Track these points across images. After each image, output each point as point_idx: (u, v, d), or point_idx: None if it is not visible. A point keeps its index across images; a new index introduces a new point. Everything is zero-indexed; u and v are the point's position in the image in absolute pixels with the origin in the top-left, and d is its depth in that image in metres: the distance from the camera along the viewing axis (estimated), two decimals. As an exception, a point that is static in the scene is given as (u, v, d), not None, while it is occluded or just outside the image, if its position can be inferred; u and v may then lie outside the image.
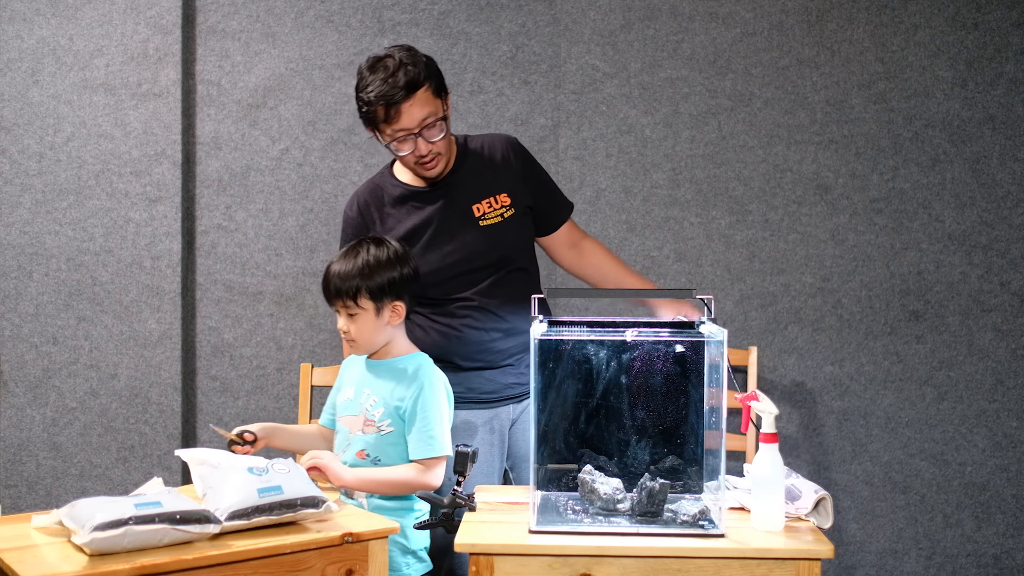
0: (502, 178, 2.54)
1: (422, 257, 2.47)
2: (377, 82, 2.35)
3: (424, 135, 2.38)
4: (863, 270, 3.22)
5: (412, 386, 2.25)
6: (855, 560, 3.22)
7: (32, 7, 3.20)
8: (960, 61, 3.19)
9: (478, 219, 2.49)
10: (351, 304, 2.26)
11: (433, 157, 2.43)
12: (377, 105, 2.35)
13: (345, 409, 2.33)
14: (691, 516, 1.93)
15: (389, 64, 2.36)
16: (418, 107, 2.36)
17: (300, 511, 1.84)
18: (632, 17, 3.22)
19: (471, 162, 2.55)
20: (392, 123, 2.37)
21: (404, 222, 2.51)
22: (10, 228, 3.22)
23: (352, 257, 2.29)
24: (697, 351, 2.08)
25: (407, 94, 2.34)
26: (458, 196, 2.51)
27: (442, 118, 2.40)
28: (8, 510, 3.18)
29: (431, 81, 2.39)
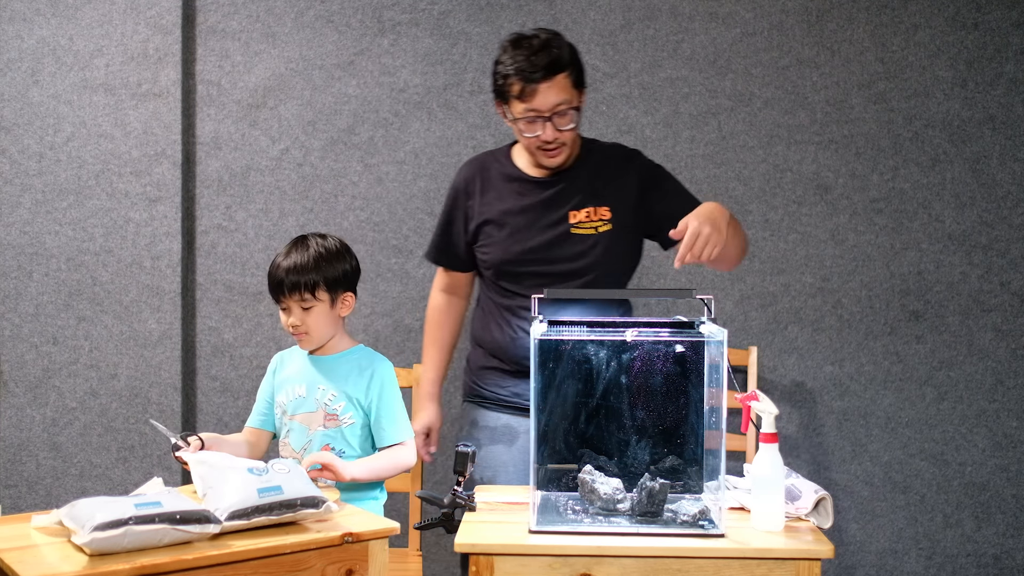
0: (610, 192, 2.45)
1: (505, 243, 2.44)
2: (519, 57, 2.29)
3: (555, 120, 2.32)
4: (863, 270, 3.22)
5: (369, 377, 2.30)
6: (855, 560, 3.23)
7: (32, 7, 3.20)
8: (960, 61, 3.19)
9: (571, 225, 2.42)
10: (308, 297, 2.27)
11: (558, 146, 2.37)
12: (514, 79, 2.29)
13: (298, 407, 2.32)
14: (691, 516, 1.93)
15: (534, 42, 2.31)
16: (555, 91, 2.30)
17: (300, 511, 1.84)
18: (632, 17, 3.22)
19: (587, 167, 2.46)
20: (525, 101, 2.31)
21: (502, 202, 2.46)
22: (10, 228, 3.22)
23: (303, 250, 2.29)
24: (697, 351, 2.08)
25: (547, 75, 2.28)
26: (561, 197, 2.44)
27: (575, 108, 2.35)
28: (8, 510, 3.18)
29: (573, 69, 2.33)
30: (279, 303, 2.32)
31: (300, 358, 2.38)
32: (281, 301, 2.30)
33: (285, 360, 2.41)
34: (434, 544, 3.27)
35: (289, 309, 2.30)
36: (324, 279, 2.28)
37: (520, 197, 2.46)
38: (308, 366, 2.35)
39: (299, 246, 2.31)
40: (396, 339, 3.27)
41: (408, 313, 3.27)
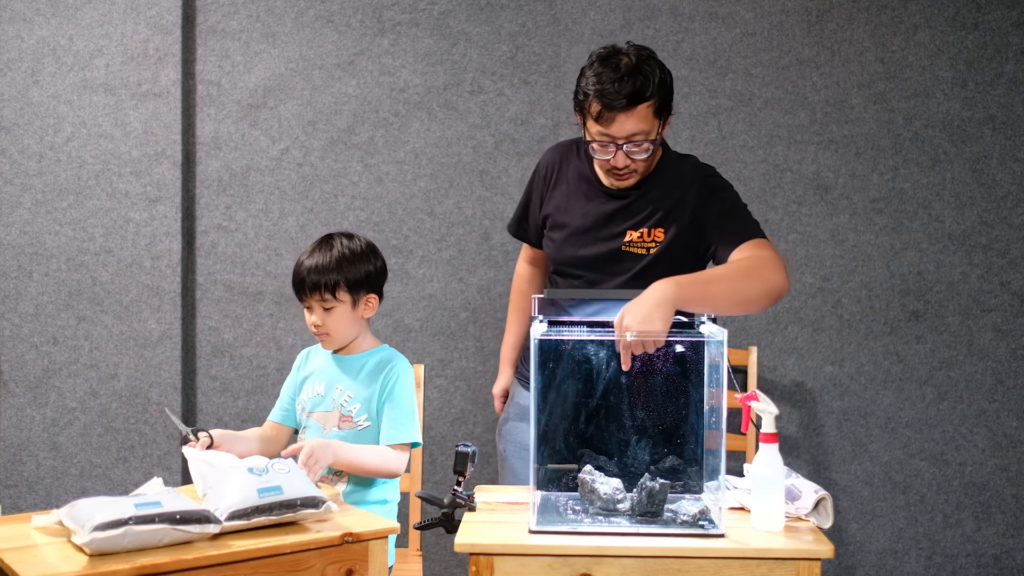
0: (671, 214, 2.32)
1: (560, 245, 2.43)
2: (604, 78, 2.17)
3: (627, 149, 2.23)
4: (863, 270, 3.22)
5: (385, 378, 2.30)
6: (855, 560, 3.23)
7: (32, 7, 3.20)
8: (960, 61, 3.19)
9: (624, 242, 2.35)
10: (329, 297, 2.27)
11: (628, 174, 2.29)
12: (593, 100, 2.19)
13: (316, 405, 2.33)
14: (691, 516, 1.93)
15: (623, 64, 2.19)
16: (633, 121, 2.19)
17: (300, 511, 1.84)
18: (632, 17, 3.22)
19: (658, 185, 2.35)
20: (601, 125, 2.21)
21: (569, 200, 2.42)
22: (10, 228, 3.22)
23: (326, 250, 2.29)
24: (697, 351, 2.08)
25: (627, 104, 2.17)
26: (624, 212, 2.36)
27: (652, 140, 2.23)
28: (8, 510, 3.18)
29: (657, 98, 2.21)
30: (302, 301, 2.32)
31: (324, 355, 2.39)
32: (304, 300, 2.31)
33: (311, 356, 2.42)
34: (434, 544, 3.27)
35: (312, 308, 2.30)
36: (345, 280, 2.27)
37: (586, 202, 2.40)
38: (331, 364, 2.36)
39: (324, 245, 2.31)
40: (396, 339, 3.27)
41: (408, 313, 3.27)
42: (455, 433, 3.29)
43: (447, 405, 3.29)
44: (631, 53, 2.22)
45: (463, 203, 3.27)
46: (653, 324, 1.99)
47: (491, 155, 3.26)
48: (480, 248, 3.27)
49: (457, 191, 3.26)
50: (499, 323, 3.26)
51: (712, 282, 2.13)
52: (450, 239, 3.27)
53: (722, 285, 2.13)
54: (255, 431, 2.38)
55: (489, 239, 3.26)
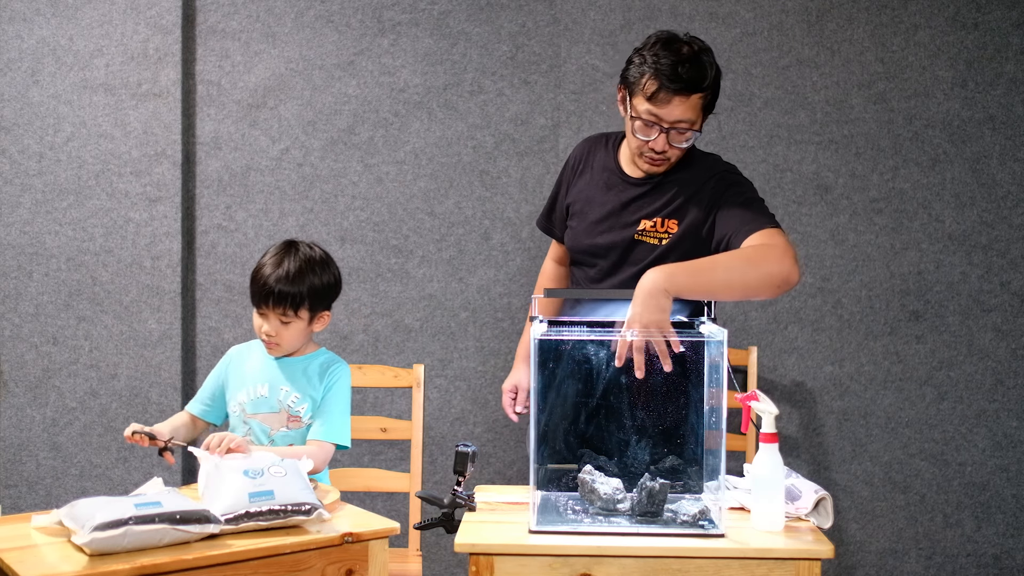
0: (685, 206, 2.34)
1: (578, 231, 2.45)
2: (665, 60, 2.19)
3: (671, 135, 2.25)
4: (863, 270, 3.22)
5: (328, 379, 2.34)
6: (855, 560, 3.23)
7: (32, 7, 3.20)
8: (960, 61, 3.19)
9: (638, 231, 2.36)
10: (291, 314, 2.28)
11: (662, 160, 2.30)
12: (651, 79, 2.20)
13: (259, 406, 2.32)
14: (691, 516, 1.93)
15: (685, 50, 2.20)
16: (685, 107, 2.22)
17: (290, 518, 1.84)
18: (632, 17, 3.22)
19: (677, 178, 2.37)
20: (652, 104, 2.22)
21: (591, 189, 2.46)
22: (10, 228, 3.22)
23: (292, 262, 2.27)
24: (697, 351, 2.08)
25: (685, 89, 2.19)
26: (641, 202, 2.38)
27: (697, 130, 2.27)
28: (8, 510, 3.18)
29: (710, 92, 2.26)
30: (258, 307, 2.30)
31: (261, 356, 2.37)
32: (260, 307, 2.30)
33: (243, 356, 2.39)
34: (434, 544, 3.27)
35: (266, 316, 2.29)
36: (309, 300, 2.28)
37: (606, 190, 2.44)
38: (272, 366, 2.35)
39: (288, 256, 2.29)
40: (396, 339, 3.27)
41: (408, 313, 3.27)
42: (455, 433, 3.29)
43: (447, 405, 3.29)
44: (692, 43, 2.24)
45: (463, 203, 3.27)
46: (650, 316, 2.00)
47: (491, 155, 3.26)
48: (480, 248, 3.27)
49: (457, 191, 3.26)
50: (499, 323, 3.26)
51: (709, 269, 2.12)
52: (450, 239, 3.27)
53: (720, 272, 2.12)
54: (180, 418, 2.36)
55: (489, 239, 3.26)
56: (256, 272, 2.29)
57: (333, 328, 3.26)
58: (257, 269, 2.30)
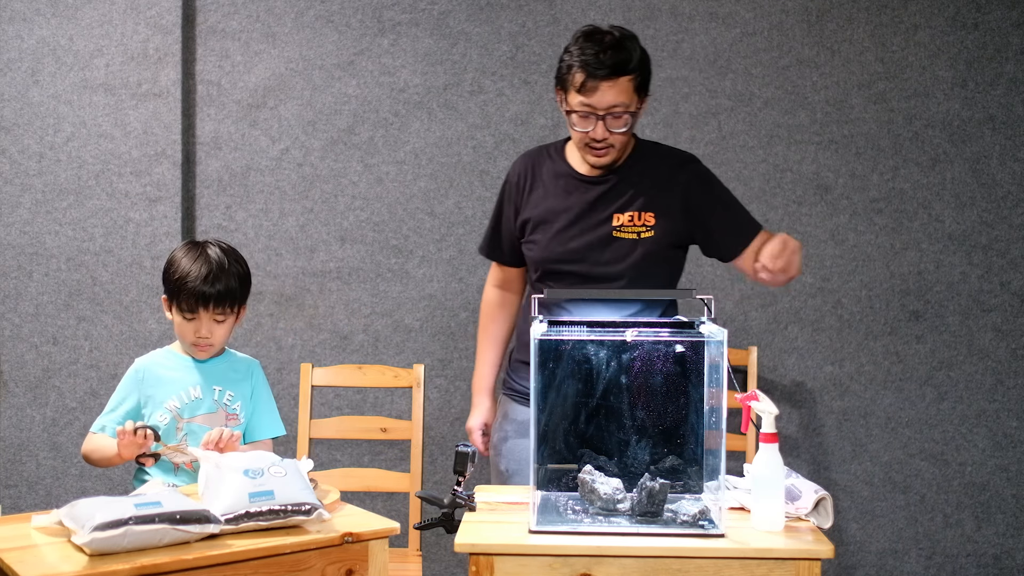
0: (659, 198, 2.39)
1: (549, 242, 2.42)
2: (588, 51, 2.26)
3: (608, 121, 2.29)
4: (863, 270, 3.22)
5: (253, 376, 2.41)
6: (855, 560, 3.23)
7: (32, 7, 3.20)
8: (960, 61, 3.19)
9: (614, 227, 2.39)
10: (229, 311, 2.32)
11: (606, 147, 2.33)
12: (578, 71, 2.27)
13: (195, 409, 2.33)
14: (691, 516, 1.93)
15: (607, 39, 2.27)
16: (615, 91, 2.26)
17: (290, 518, 1.84)
18: (632, 17, 3.22)
19: (639, 170, 2.42)
20: (584, 95, 2.27)
21: (549, 200, 2.44)
22: (10, 228, 3.22)
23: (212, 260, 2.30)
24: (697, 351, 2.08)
25: (611, 74, 2.25)
26: (607, 197, 2.41)
27: (632, 112, 2.31)
28: (8, 510, 3.18)
29: (639, 74, 2.29)
30: (190, 312, 2.29)
31: (179, 362, 2.37)
32: (193, 312, 2.29)
33: (157, 365, 2.37)
34: (434, 544, 3.27)
35: (198, 319, 2.30)
36: (242, 292, 2.34)
37: (567, 195, 2.43)
38: (192, 369, 2.36)
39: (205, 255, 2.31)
40: (396, 339, 3.27)
41: (408, 313, 3.27)
42: (455, 433, 3.29)
43: (447, 405, 3.29)
44: (614, 31, 2.31)
45: (463, 203, 3.27)
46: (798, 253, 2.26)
47: (491, 155, 3.26)
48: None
49: (457, 191, 3.26)
50: (499, 323, 3.26)
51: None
52: (450, 239, 3.27)
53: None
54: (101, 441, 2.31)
55: (489, 239, 3.26)
56: (180, 279, 2.28)
57: (333, 328, 3.26)
58: (181, 276, 2.28)
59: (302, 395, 2.99)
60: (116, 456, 2.21)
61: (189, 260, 2.31)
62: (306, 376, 2.99)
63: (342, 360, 3.24)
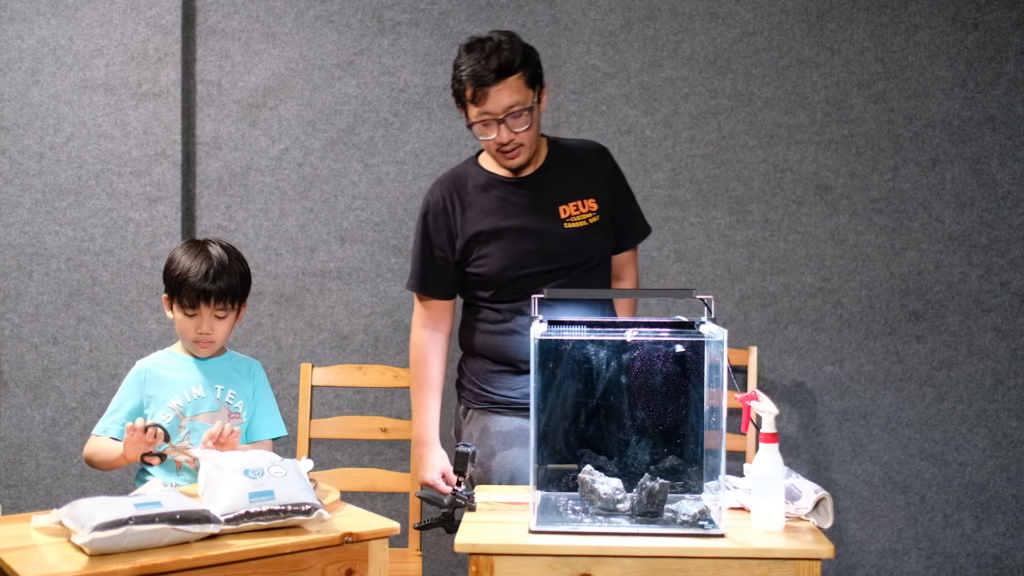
0: (591, 183, 2.49)
1: (503, 251, 2.43)
2: (471, 61, 2.32)
3: (508, 123, 2.34)
4: (863, 270, 3.22)
5: (255, 376, 2.43)
6: (855, 560, 3.23)
7: (32, 7, 3.20)
8: (960, 61, 3.19)
9: (563, 220, 2.44)
10: (229, 307, 2.33)
11: (515, 147, 2.38)
12: (467, 84, 2.33)
13: (198, 407, 2.33)
14: (691, 516, 1.93)
15: (487, 45, 2.33)
16: (507, 93, 2.32)
17: (290, 518, 1.84)
18: (632, 17, 3.22)
19: (562, 162, 2.49)
20: (479, 105, 2.34)
21: (487, 213, 2.45)
22: (10, 228, 3.22)
23: (212, 257, 2.31)
24: (697, 351, 2.08)
25: (497, 78, 2.30)
26: (546, 194, 2.46)
27: (529, 108, 2.35)
28: (8, 510, 3.18)
29: (526, 69, 2.34)
30: (191, 308, 2.30)
31: (181, 362, 2.38)
32: (195, 308, 2.30)
33: (159, 366, 2.38)
34: (434, 544, 3.27)
35: (199, 316, 2.31)
36: (242, 289, 2.36)
37: (505, 203, 2.45)
38: (194, 369, 2.37)
39: (206, 253, 2.32)
40: (396, 339, 3.27)
41: (408, 313, 3.27)
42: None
43: (447, 405, 3.28)
44: (492, 36, 2.37)
45: (463, 203, 3.27)
46: None
47: (491, 155, 3.26)
48: (480, 248, 3.26)
49: (457, 191, 3.26)
50: (499, 323, 3.26)
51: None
52: (450, 239, 3.26)
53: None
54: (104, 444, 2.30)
55: (489, 239, 3.26)
56: (182, 275, 2.30)
57: (333, 328, 3.26)
58: (182, 273, 2.30)
59: (302, 395, 2.99)
60: (121, 458, 2.22)
61: (190, 257, 2.32)
62: (306, 376, 2.99)
63: (342, 360, 3.24)
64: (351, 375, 3.03)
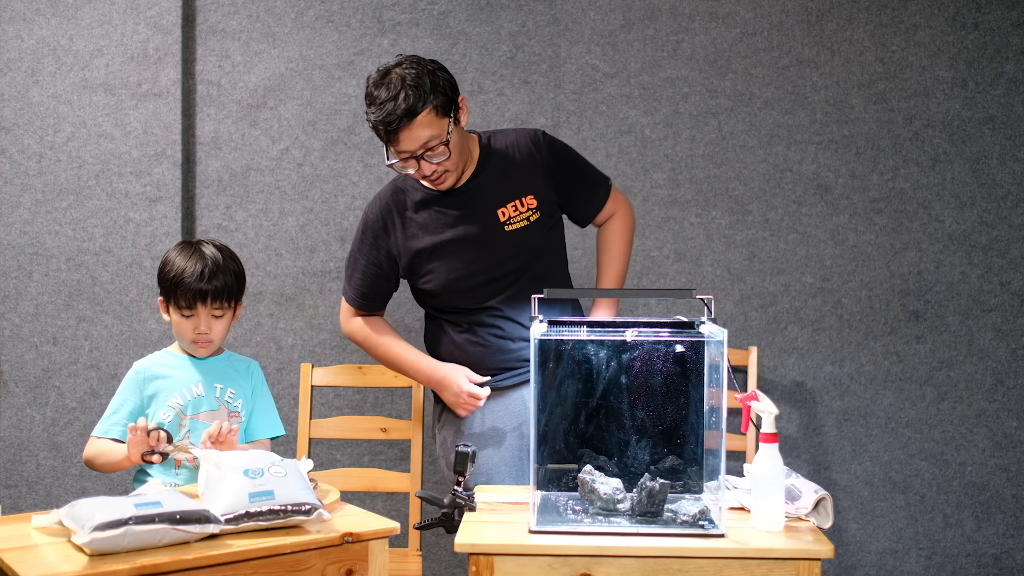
0: (527, 178, 2.47)
1: (447, 265, 2.43)
2: (375, 111, 2.30)
3: (426, 157, 2.32)
4: (863, 270, 3.22)
5: (253, 376, 2.44)
6: (855, 560, 3.23)
7: (32, 7, 3.20)
8: (960, 61, 3.19)
9: (503, 224, 2.43)
10: (227, 305, 2.34)
11: (440, 175, 2.37)
12: (379, 128, 2.32)
13: (198, 406, 2.34)
14: (691, 516, 1.93)
15: (393, 82, 2.29)
16: (418, 130, 2.29)
17: (290, 518, 1.84)
18: (632, 17, 3.22)
19: (495, 164, 2.47)
20: (394, 145, 2.33)
21: (427, 229, 2.46)
22: (10, 228, 3.22)
23: (207, 256, 2.32)
24: (697, 351, 2.08)
25: (406, 120, 2.27)
26: (482, 200, 2.44)
27: (446, 142, 2.31)
28: (8, 510, 3.18)
29: (434, 101, 2.29)
30: (187, 309, 2.31)
31: (180, 361, 2.39)
32: (192, 308, 2.31)
33: (158, 366, 2.39)
34: (434, 544, 3.27)
35: (196, 316, 2.32)
36: (238, 288, 2.36)
37: (442, 216, 2.45)
38: (192, 368, 2.38)
39: (200, 252, 2.33)
40: (396, 339, 3.27)
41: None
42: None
43: (447, 405, 3.29)
44: (391, 72, 2.32)
45: (463, 203, 3.27)
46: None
47: (491, 155, 3.26)
48: (480, 248, 3.26)
49: (457, 191, 3.26)
50: (499, 323, 3.25)
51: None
52: (450, 239, 3.26)
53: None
54: (106, 446, 2.31)
55: (489, 239, 3.26)
56: (177, 277, 2.31)
57: (333, 328, 3.26)
58: (177, 274, 2.31)
59: (302, 395, 2.99)
60: (125, 460, 2.22)
61: (184, 258, 2.33)
62: (306, 376, 2.99)
63: (342, 360, 3.24)
64: (351, 375, 3.03)
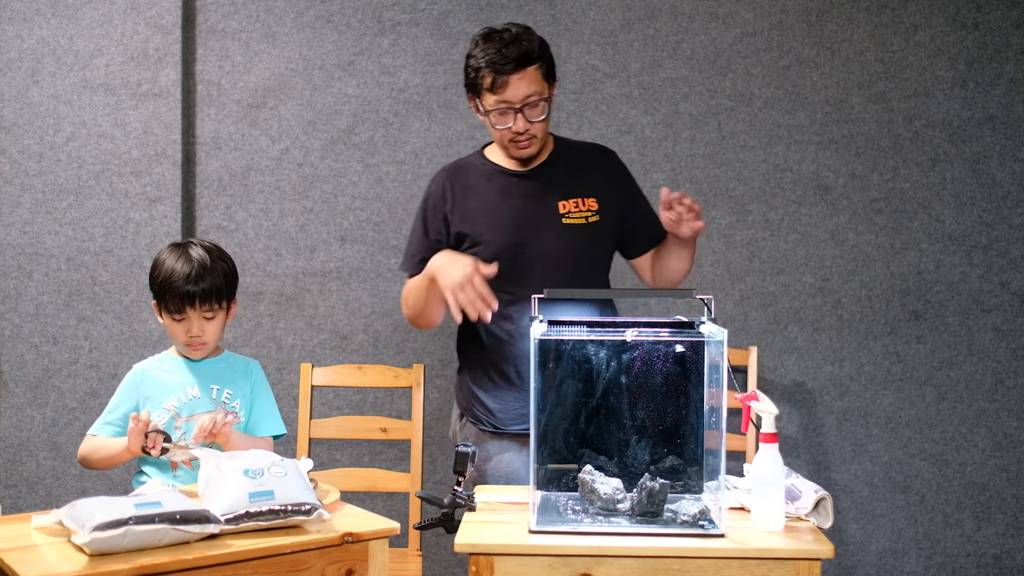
0: (595, 182, 2.49)
1: (499, 239, 2.42)
2: (490, 50, 2.33)
3: (525, 112, 2.35)
4: (863, 270, 3.22)
5: (253, 375, 2.42)
6: (855, 560, 3.23)
7: (32, 7, 3.20)
8: (960, 61, 3.19)
9: (562, 216, 2.45)
10: (216, 307, 2.32)
11: (528, 137, 2.39)
12: (485, 72, 2.33)
13: (194, 408, 2.33)
14: (691, 516, 1.93)
15: (505, 36, 2.34)
16: (525, 83, 2.33)
17: (290, 518, 1.84)
18: (632, 17, 3.22)
19: (567, 159, 2.50)
20: (497, 93, 2.34)
21: (487, 199, 2.46)
22: (10, 228, 3.22)
23: (194, 258, 2.31)
24: (697, 351, 2.08)
25: (517, 67, 2.31)
26: (548, 188, 2.46)
27: (546, 99, 2.37)
28: (8, 510, 3.18)
29: (543, 62, 2.36)
30: (178, 313, 2.30)
31: (176, 364, 2.39)
32: (182, 312, 2.30)
33: (155, 368, 2.38)
34: (434, 544, 3.27)
35: (187, 319, 2.31)
36: (227, 288, 2.34)
37: (506, 193, 2.46)
38: (190, 371, 2.37)
39: (188, 254, 2.32)
40: (396, 339, 3.27)
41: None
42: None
43: (447, 405, 3.29)
44: (510, 27, 2.38)
45: (463, 203, 3.26)
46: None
47: (491, 155, 3.25)
48: (480, 248, 3.26)
49: (457, 191, 3.26)
50: (499, 323, 3.25)
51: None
52: (450, 239, 3.26)
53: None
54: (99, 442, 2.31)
55: (489, 239, 3.26)
56: (165, 280, 2.29)
57: (333, 328, 3.26)
58: (166, 277, 2.29)
59: (302, 395, 2.99)
60: (125, 451, 2.22)
61: (172, 260, 2.32)
62: (306, 376, 2.99)
63: (342, 360, 3.24)
64: (351, 375, 3.03)
